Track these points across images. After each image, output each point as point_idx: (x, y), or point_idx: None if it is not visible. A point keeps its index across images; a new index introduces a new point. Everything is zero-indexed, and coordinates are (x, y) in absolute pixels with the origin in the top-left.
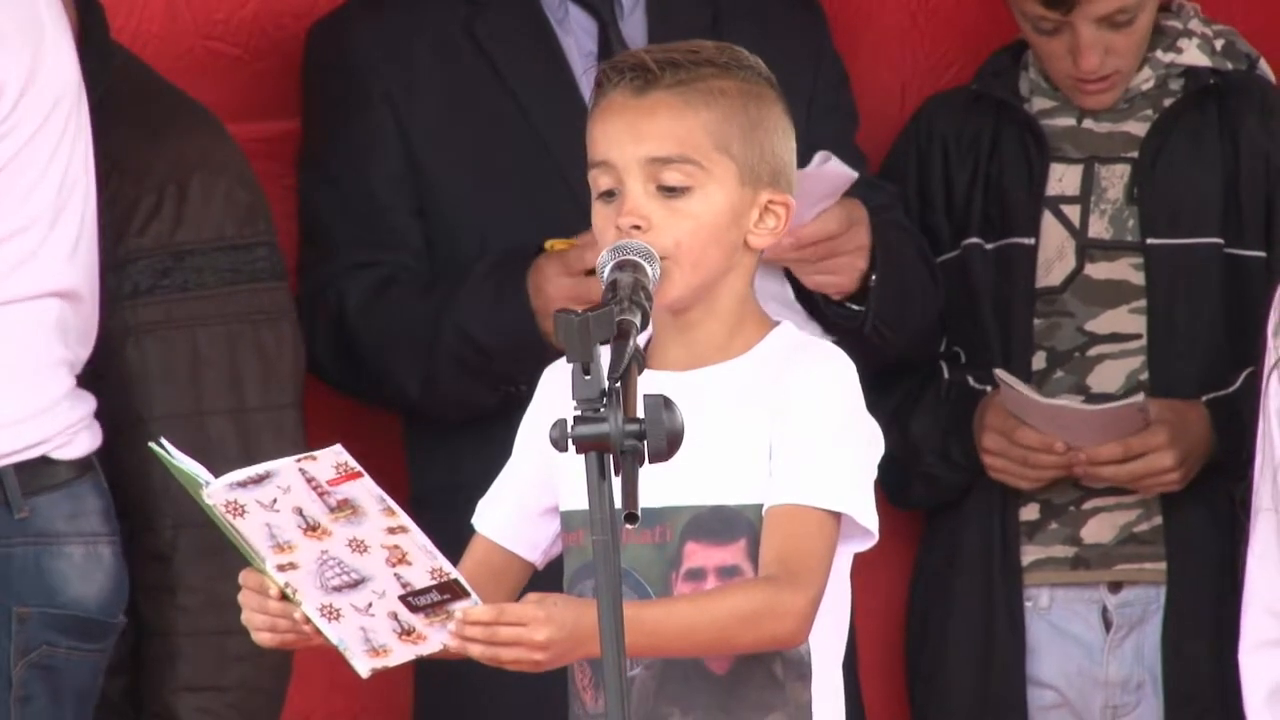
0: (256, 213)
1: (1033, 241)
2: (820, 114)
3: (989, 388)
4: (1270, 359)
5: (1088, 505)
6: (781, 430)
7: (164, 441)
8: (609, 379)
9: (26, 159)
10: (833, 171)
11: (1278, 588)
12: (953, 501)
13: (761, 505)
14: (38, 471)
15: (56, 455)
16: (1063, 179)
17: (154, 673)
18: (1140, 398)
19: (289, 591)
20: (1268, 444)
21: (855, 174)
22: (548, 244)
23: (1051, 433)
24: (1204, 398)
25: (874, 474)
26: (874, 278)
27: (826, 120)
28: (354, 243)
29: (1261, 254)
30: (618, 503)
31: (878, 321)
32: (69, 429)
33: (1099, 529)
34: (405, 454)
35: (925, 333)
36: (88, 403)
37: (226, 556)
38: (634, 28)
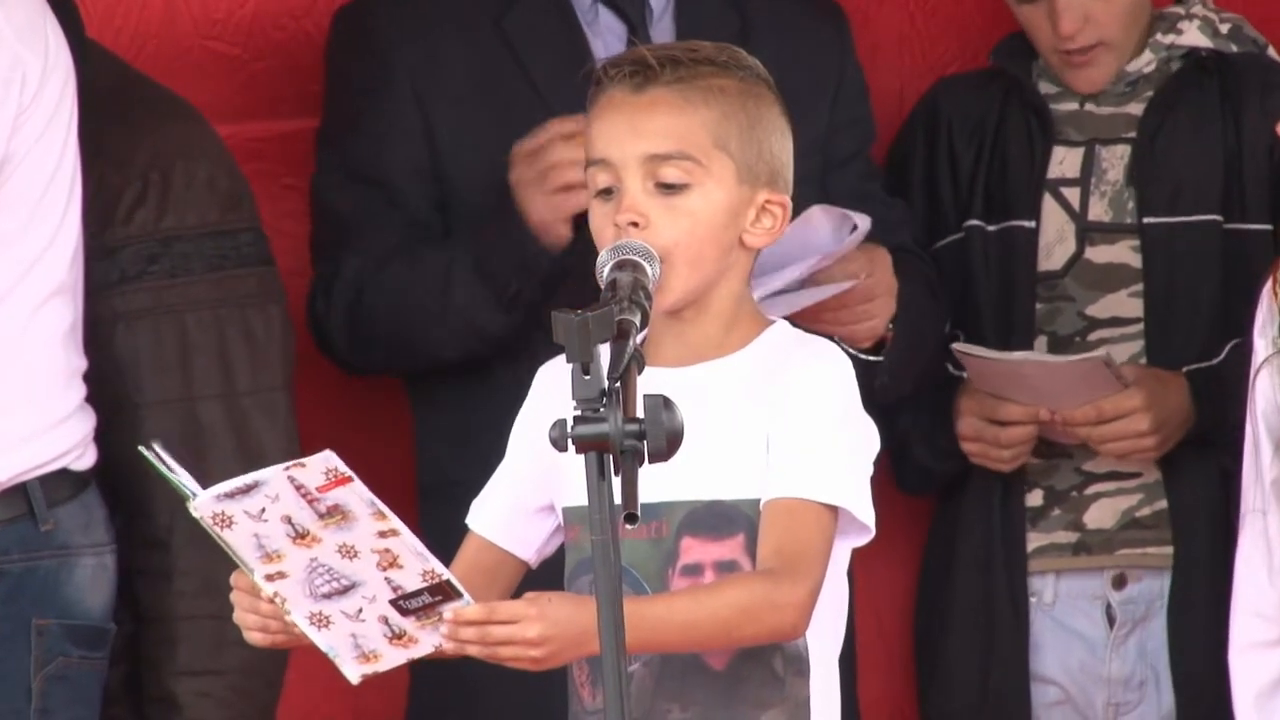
0: (239, 199)
1: (1033, 224)
2: (841, 127)
3: (965, 374)
4: (1257, 359)
5: (1090, 490)
6: (779, 425)
7: (156, 448)
8: (609, 379)
9: (45, 145)
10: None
11: (1264, 589)
12: (957, 490)
13: (759, 500)
14: (57, 483)
15: (74, 467)
16: (1064, 162)
17: (153, 658)
18: (1103, 352)
19: (278, 601)
20: (1254, 446)
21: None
22: None
23: (1023, 397)
24: (1185, 369)
25: (870, 470)
26: (891, 329)
27: (847, 133)
28: (370, 228)
29: (1265, 226)
30: (617, 502)
31: (888, 377)
32: (84, 439)
33: (1101, 514)
34: (414, 446)
35: (929, 373)
36: (92, 414)
37: None
38: (662, 34)
